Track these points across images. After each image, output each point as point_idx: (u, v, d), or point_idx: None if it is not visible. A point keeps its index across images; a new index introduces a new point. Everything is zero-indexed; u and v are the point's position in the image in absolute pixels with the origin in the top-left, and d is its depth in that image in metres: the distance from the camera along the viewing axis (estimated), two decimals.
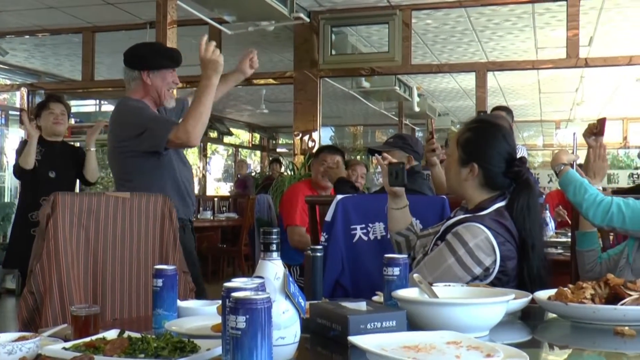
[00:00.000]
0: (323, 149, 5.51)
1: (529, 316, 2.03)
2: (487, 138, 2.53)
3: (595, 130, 3.54)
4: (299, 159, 8.00)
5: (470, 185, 2.51)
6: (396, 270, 1.90)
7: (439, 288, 1.89)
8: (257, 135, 19.65)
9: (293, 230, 4.95)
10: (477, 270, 2.31)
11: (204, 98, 3.25)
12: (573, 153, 2.94)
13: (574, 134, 3.26)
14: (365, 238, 3.13)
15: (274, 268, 1.51)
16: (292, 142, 8.37)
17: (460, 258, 2.31)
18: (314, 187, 5.17)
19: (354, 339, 1.48)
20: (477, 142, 2.52)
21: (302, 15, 7.40)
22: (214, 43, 3.33)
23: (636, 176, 9.99)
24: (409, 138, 4.17)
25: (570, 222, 5.61)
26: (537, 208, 2.52)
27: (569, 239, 3.62)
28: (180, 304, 1.93)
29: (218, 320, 1.65)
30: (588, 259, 2.95)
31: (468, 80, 11.37)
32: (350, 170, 5.46)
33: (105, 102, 13.01)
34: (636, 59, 8.12)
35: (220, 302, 1.58)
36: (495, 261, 2.34)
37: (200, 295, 2.97)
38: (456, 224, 2.41)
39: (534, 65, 8.86)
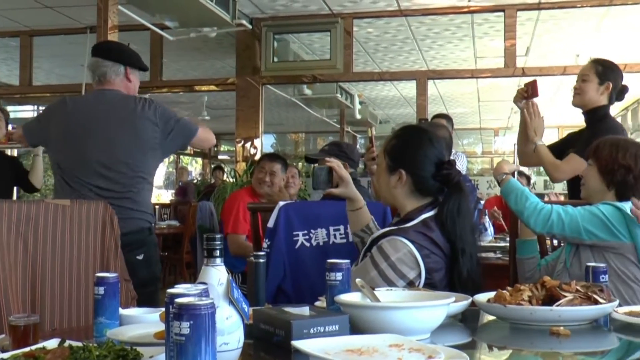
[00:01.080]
0: (263, 156, 5.50)
1: (468, 318, 2.07)
2: (413, 143, 2.54)
3: (526, 95, 3.68)
4: (241, 166, 7.97)
5: (400, 193, 2.51)
6: (338, 275, 1.92)
7: (381, 292, 1.92)
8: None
9: (233, 238, 4.93)
10: (401, 284, 2.31)
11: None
12: (514, 163, 3.02)
13: (514, 144, 3.36)
14: (308, 244, 3.14)
15: (217, 274, 1.51)
16: (234, 149, 8.34)
17: (383, 271, 2.32)
18: (255, 194, 5.16)
19: (298, 344, 1.49)
20: (403, 148, 2.54)
21: (244, 22, 7.40)
22: None
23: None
24: (344, 145, 4.22)
25: (504, 224, 5.74)
26: (469, 212, 2.51)
27: (507, 244, 3.71)
28: (122, 311, 1.91)
29: (161, 327, 1.64)
30: (528, 266, 3.03)
31: (409, 88, 11.51)
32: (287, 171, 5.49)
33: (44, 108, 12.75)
34: (570, 69, 8.34)
35: (162, 309, 1.58)
36: (419, 274, 2.34)
37: None
38: (381, 237, 2.42)
39: (473, 74, 9.03)
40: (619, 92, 3.79)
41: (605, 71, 3.74)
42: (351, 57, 7.90)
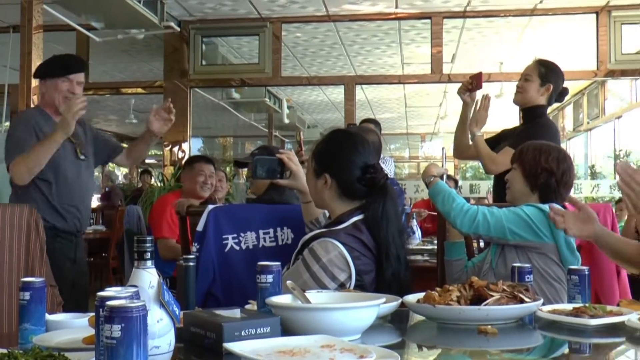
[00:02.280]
0: (197, 159, 5.43)
1: (398, 319, 2.10)
2: (338, 147, 2.57)
3: (470, 87, 3.79)
4: (169, 170, 7.88)
5: (327, 196, 2.53)
6: (269, 278, 1.92)
7: (312, 294, 1.92)
8: (125, 146, 19.13)
9: (162, 243, 4.86)
10: (332, 286, 2.32)
11: (42, 149, 3.42)
12: (442, 166, 3.07)
13: (443, 149, 3.43)
14: (237, 248, 3.13)
15: (148, 277, 1.50)
16: (162, 153, 8.24)
17: (315, 274, 2.33)
18: (185, 198, 5.09)
19: (229, 346, 1.49)
20: (329, 152, 2.57)
21: (172, 24, 7.31)
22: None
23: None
24: (274, 149, 4.22)
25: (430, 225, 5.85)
26: (396, 215, 2.54)
27: (435, 247, 3.77)
28: (49, 317, 1.86)
29: (89, 332, 1.61)
30: (456, 267, 3.09)
31: (337, 93, 11.60)
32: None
33: None
34: (495, 76, 8.57)
35: (91, 314, 1.55)
36: (350, 276, 2.36)
37: None
38: (312, 239, 2.43)
39: (400, 80, 9.15)
40: (559, 94, 3.93)
41: (548, 73, 3.87)
42: (280, 61, 7.90)
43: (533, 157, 2.92)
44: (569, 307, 2.04)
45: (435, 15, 7.60)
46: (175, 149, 7.95)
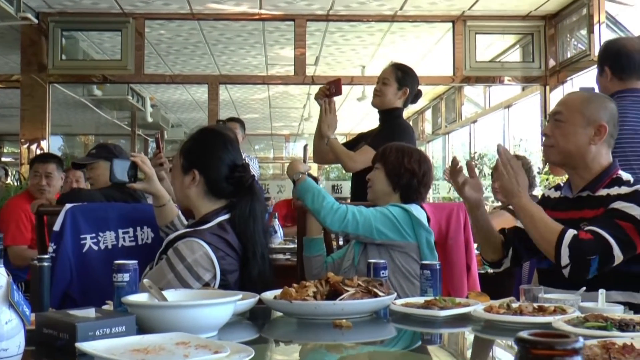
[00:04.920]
0: (35, 159, 5.19)
1: (257, 316, 2.12)
2: (208, 145, 2.59)
3: (329, 92, 3.87)
4: (26, 168, 7.55)
5: (194, 194, 2.54)
6: (126, 277, 1.90)
7: (169, 292, 1.91)
8: None
9: (12, 250, 4.63)
10: (197, 286, 2.32)
11: None
12: (305, 163, 3.10)
13: (305, 146, 3.47)
14: (96, 247, 3.05)
15: None
16: (19, 150, 7.88)
17: (179, 273, 2.32)
18: (32, 199, 4.84)
19: (82, 345, 1.46)
20: (199, 149, 2.57)
21: (29, 15, 7.00)
22: None
23: None
24: (112, 148, 4.16)
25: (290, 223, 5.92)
26: (262, 215, 2.59)
27: (296, 246, 3.82)
28: None
29: None
30: (315, 263, 3.13)
31: (201, 93, 11.51)
32: (70, 174, 5.30)
33: None
34: (357, 79, 8.78)
35: None
36: (215, 276, 2.37)
37: None
38: (177, 239, 2.43)
39: (264, 81, 9.21)
40: (414, 97, 4.06)
41: (405, 77, 4.00)
42: (142, 58, 7.76)
43: (396, 158, 3.02)
44: (420, 300, 2.13)
45: (298, 17, 7.69)
46: (33, 146, 7.63)
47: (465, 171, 2.57)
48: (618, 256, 2.23)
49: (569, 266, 2.23)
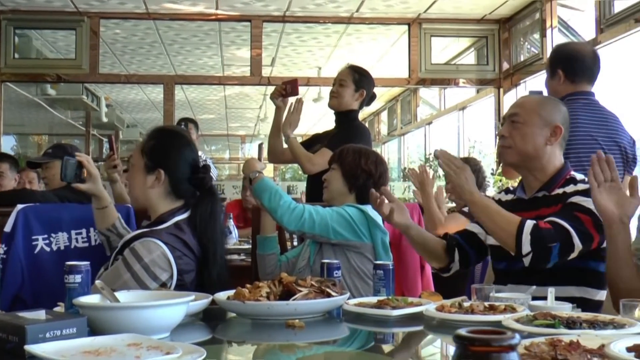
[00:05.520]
0: None
1: (210, 317, 2.11)
2: (172, 145, 2.58)
3: (284, 92, 3.87)
4: None
5: (155, 194, 2.52)
6: (77, 278, 1.89)
7: (121, 293, 1.90)
8: None
9: None
10: (153, 286, 2.32)
11: None
12: (260, 162, 3.10)
13: (260, 144, 3.46)
14: (48, 249, 3.02)
15: None
16: None
17: (136, 273, 2.31)
18: None
19: (32, 348, 1.44)
20: (163, 149, 2.56)
21: None
22: None
23: None
24: (68, 147, 4.12)
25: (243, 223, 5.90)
26: (220, 216, 2.61)
27: (251, 246, 3.82)
28: None
29: None
30: (269, 262, 3.13)
31: (157, 93, 11.41)
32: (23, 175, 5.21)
33: None
34: (313, 80, 8.80)
35: None
36: (172, 276, 2.37)
37: None
38: (133, 239, 2.41)
39: (220, 81, 9.17)
40: (369, 99, 4.09)
41: (362, 79, 4.03)
42: (97, 57, 7.66)
43: (353, 159, 3.04)
44: (373, 300, 2.15)
45: (255, 18, 7.67)
46: None
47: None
48: (578, 245, 2.27)
49: (531, 254, 2.26)
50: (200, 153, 5.74)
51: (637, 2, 5.57)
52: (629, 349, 1.20)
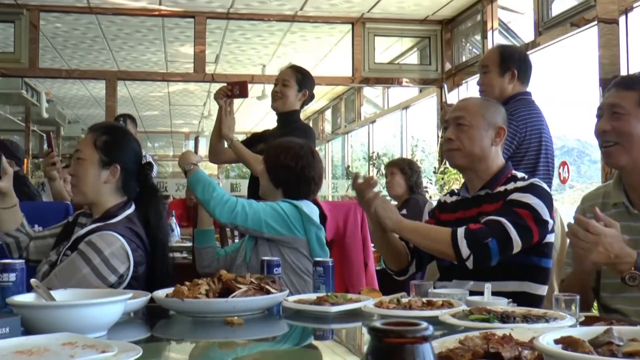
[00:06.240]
0: None
1: (149, 315, 2.10)
2: (126, 140, 2.59)
3: (230, 93, 3.84)
4: None
5: (108, 189, 2.51)
6: (12, 276, 1.85)
7: (58, 292, 1.87)
8: None
9: None
10: (112, 279, 2.32)
11: None
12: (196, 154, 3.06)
13: (196, 137, 3.44)
14: None
15: None
16: None
17: (96, 267, 2.29)
18: None
19: None
20: (118, 144, 2.56)
21: None
22: None
23: None
24: (7, 143, 4.04)
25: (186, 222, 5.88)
26: (165, 213, 2.64)
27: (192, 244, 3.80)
28: None
29: None
30: (206, 255, 3.10)
31: (99, 89, 11.24)
32: None
33: None
34: (258, 77, 8.78)
35: None
36: (129, 268, 2.37)
37: None
38: (88, 233, 2.39)
39: (164, 78, 9.07)
40: (309, 99, 4.09)
41: (305, 79, 4.03)
42: (37, 51, 7.52)
43: (273, 155, 3.05)
44: (313, 296, 2.16)
45: (198, 14, 7.63)
46: None
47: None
48: (516, 239, 2.33)
49: (471, 255, 2.32)
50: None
51: (573, 7, 5.72)
52: (556, 341, 1.23)
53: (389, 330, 0.85)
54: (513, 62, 3.51)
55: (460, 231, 2.34)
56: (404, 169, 5.47)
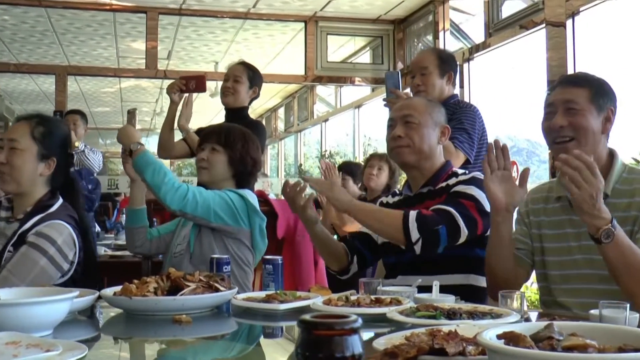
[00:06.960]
0: None
1: (96, 313, 2.09)
2: (62, 134, 2.59)
3: (185, 88, 3.84)
4: None
5: (41, 180, 2.51)
6: None
7: (2, 291, 1.84)
8: None
9: None
10: (66, 266, 2.35)
11: None
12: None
13: (134, 110, 3.23)
14: None
15: None
16: None
17: (52, 257, 2.30)
18: None
19: None
20: (57, 138, 2.55)
21: None
22: None
23: None
24: None
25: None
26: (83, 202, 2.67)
27: None
28: None
29: None
30: (138, 235, 3.05)
31: (49, 83, 11.05)
32: None
33: None
34: (210, 75, 8.70)
35: None
36: (75, 254, 2.39)
37: None
38: (34, 226, 2.36)
39: (115, 73, 8.97)
40: (256, 96, 4.11)
41: (255, 76, 4.05)
42: None
43: (242, 146, 3.01)
44: (262, 294, 2.16)
45: (150, 10, 7.56)
46: None
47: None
48: (463, 229, 2.38)
49: (420, 240, 2.35)
50: (83, 143, 5.64)
51: (522, 9, 5.82)
52: (499, 336, 1.25)
53: (318, 322, 0.87)
54: (449, 65, 3.60)
55: (412, 215, 2.36)
56: (392, 167, 5.50)
